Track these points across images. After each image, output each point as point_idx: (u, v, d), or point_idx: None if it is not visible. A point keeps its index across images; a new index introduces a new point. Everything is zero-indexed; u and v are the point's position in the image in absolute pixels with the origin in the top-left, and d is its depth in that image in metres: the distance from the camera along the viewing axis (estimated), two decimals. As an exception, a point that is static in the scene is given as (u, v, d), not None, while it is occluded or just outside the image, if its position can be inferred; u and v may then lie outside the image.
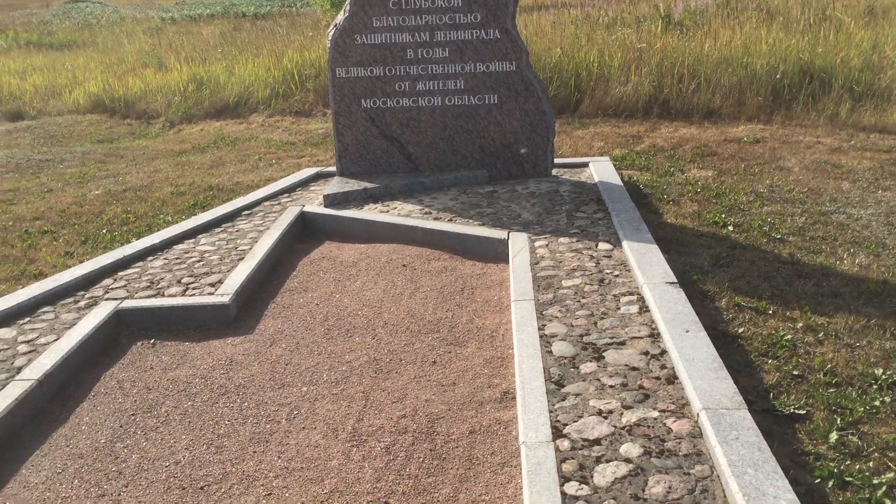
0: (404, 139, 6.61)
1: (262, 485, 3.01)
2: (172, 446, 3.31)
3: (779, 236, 5.51)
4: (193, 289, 4.70)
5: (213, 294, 4.58)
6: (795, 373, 3.60)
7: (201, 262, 5.14)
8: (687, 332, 3.66)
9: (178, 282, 4.83)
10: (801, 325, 4.10)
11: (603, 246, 5.01)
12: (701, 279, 4.72)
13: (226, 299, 4.49)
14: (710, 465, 2.76)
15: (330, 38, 6.44)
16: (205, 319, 4.47)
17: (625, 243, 4.90)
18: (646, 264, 4.51)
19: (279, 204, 6.42)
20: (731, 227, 5.73)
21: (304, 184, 6.99)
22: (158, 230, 6.31)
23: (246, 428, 3.42)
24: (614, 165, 7.72)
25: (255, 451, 3.24)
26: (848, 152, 7.76)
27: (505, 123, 6.53)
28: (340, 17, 6.45)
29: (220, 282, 4.77)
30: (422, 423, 3.36)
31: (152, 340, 4.34)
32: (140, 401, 3.71)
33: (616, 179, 6.46)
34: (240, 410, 3.57)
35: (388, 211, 5.99)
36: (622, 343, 3.71)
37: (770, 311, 4.28)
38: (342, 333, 4.29)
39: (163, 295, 4.63)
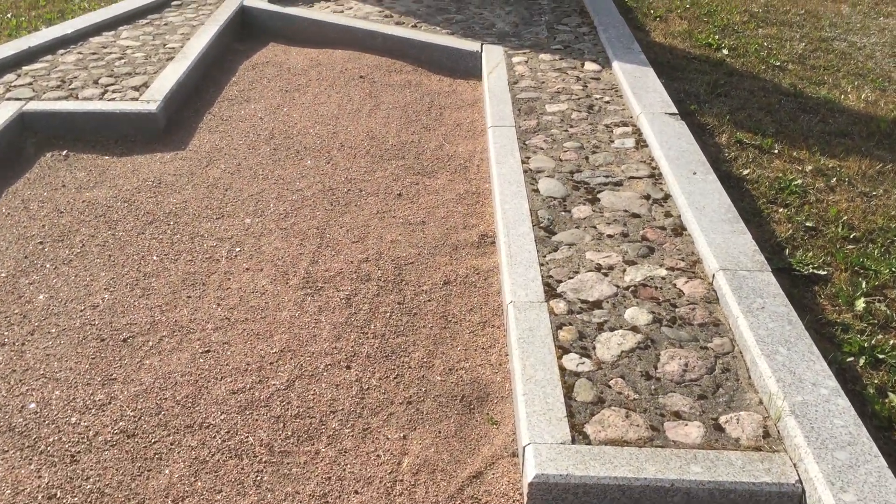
0: (362, -75, 5.69)
1: (199, 339, 2.52)
2: (89, 285, 2.77)
3: (778, 63, 4.97)
4: (114, 92, 3.98)
5: (137, 99, 3.88)
6: (809, 224, 3.18)
7: (123, 61, 4.37)
8: (694, 174, 3.18)
9: (95, 82, 4.09)
10: (809, 167, 3.66)
11: (590, 66, 4.40)
12: (698, 110, 4.19)
13: (153, 106, 3.80)
14: (730, 337, 2.36)
15: None
16: (128, 129, 3.80)
17: (615, 64, 4.31)
18: (641, 90, 3.95)
19: (215, -5, 5.55)
20: (725, 51, 5.15)
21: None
22: (72, 17, 5.42)
23: (178, 266, 2.88)
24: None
25: (189, 297, 2.73)
26: (846, -27, 7.09)
27: (480, -87, 5.65)
28: None
29: (146, 85, 4.05)
30: (387, 269, 2.88)
31: (65, 152, 3.68)
32: (50, 226, 3.12)
33: (601, -11, 5.73)
34: (171, 244, 3.01)
35: (342, 11, 5.21)
36: (619, 183, 3.21)
37: (775, 151, 3.81)
38: (291, 155, 3.69)
39: (76, 97, 3.91)
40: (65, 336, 2.53)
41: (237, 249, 2.98)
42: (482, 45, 4.63)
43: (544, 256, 2.72)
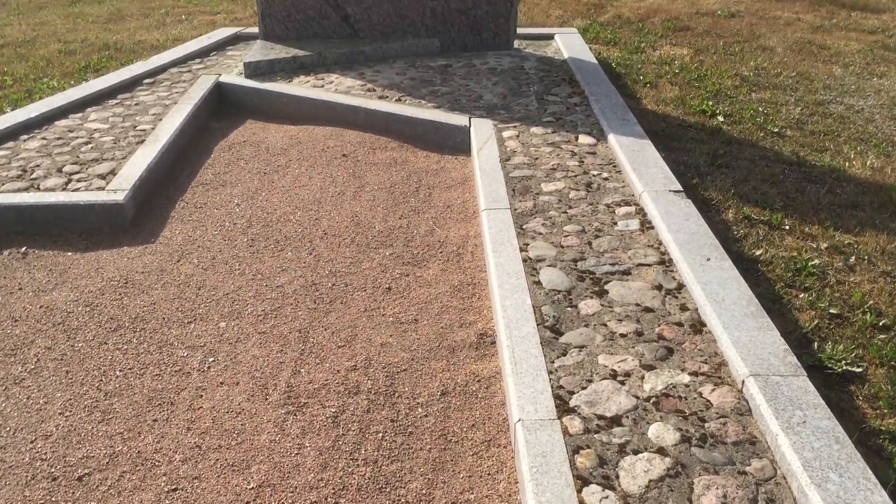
0: (341, -3, 5.54)
1: (165, 474, 2.21)
2: (42, 410, 2.46)
3: (776, 130, 4.79)
4: (78, 181, 3.72)
5: (103, 189, 3.62)
6: (833, 311, 2.93)
7: (90, 145, 4.12)
8: (708, 260, 2.93)
9: (59, 170, 3.83)
10: (824, 245, 3.42)
11: (585, 139, 4.19)
12: (700, 183, 3.98)
13: (120, 196, 3.54)
14: (769, 458, 2.08)
15: None
16: (93, 222, 3.53)
17: (611, 137, 4.10)
18: (640, 165, 3.73)
19: (189, 71, 5.33)
20: (721, 118, 4.97)
21: (220, 47, 5.88)
22: (39, 98, 5.19)
23: (143, 383, 2.58)
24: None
25: (155, 420, 2.42)
26: (832, 32, 7.02)
27: (462, -17, 5.51)
28: None
29: (114, 172, 3.79)
30: (378, 378, 2.59)
31: (23, 249, 3.39)
32: (2, 337, 2.81)
33: (589, 56, 5.58)
34: (136, 355, 2.72)
35: (322, 86, 5.00)
36: (627, 272, 2.96)
37: (786, 227, 3.59)
38: (271, 245, 3.42)
39: (38, 188, 3.64)
40: (11, 476, 2.21)
41: (210, 359, 2.69)
42: (470, 118, 4.42)
43: (552, 362, 2.45)
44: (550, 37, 6.11)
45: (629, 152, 3.87)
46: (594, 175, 3.78)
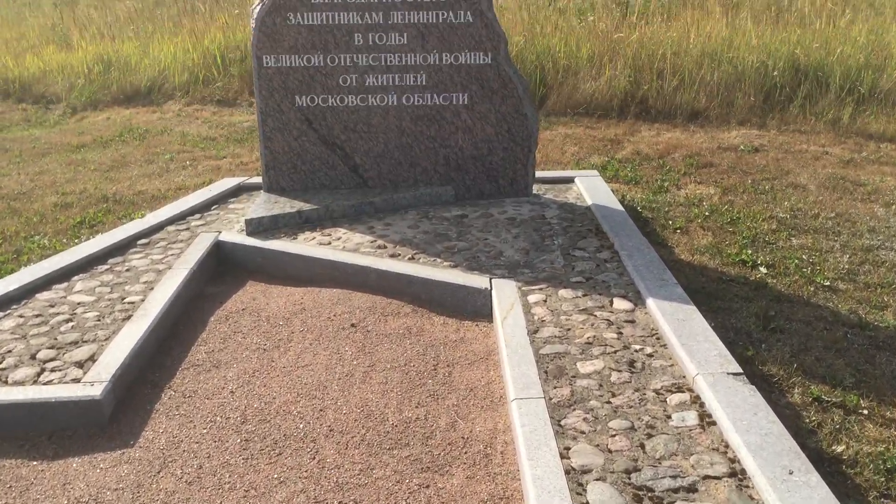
0: (350, 147, 5.25)
1: None
2: None
3: (826, 283, 4.36)
4: (53, 370, 3.28)
5: (79, 381, 3.17)
6: (946, 533, 2.41)
7: (70, 324, 3.71)
8: (791, 473, 2.43)
9: (33, 357, 3.40)
10: (914, 435, 2.92)
11: (620, 304, 3.77)
12: (756, 355, 3.52)
13: (97, 391, 3.09)
14: None
15: (255, 16, 5.03)
16: (65, 421, 3.08)
17: (650, 301, 3.67)
18: (688, 338, 3.28)
19: (188, 229, 4.99)
20: (763, 269, 4.56)
21: (222, 200, 5.57)
22: (28, 259, 4.84)
23: None
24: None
25: None
26: (863, 166, 6.70)
27: (476, 129, 5.23)
28: (269, -10, 5.05)
29: (93, 358, 3.36)
30: None
31: (-18, 457, 2.92)
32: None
33: (613, 201, 5.23)
34: None
35: (329, 243, 4.63)
36: (692, 488, 2.46)
37: (863, 410, 3.10)
38: (267, 448, 2.94)
39: (6, 381, 3.20)
40: None
41: None
42: (491, 280, 4.02)
43: None
44: (570, 180, 5.79)
45: (673, 322, 3.43)
46: (636, 350, 3.32)
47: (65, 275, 4.25)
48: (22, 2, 21.72)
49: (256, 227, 4.81)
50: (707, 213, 5.58)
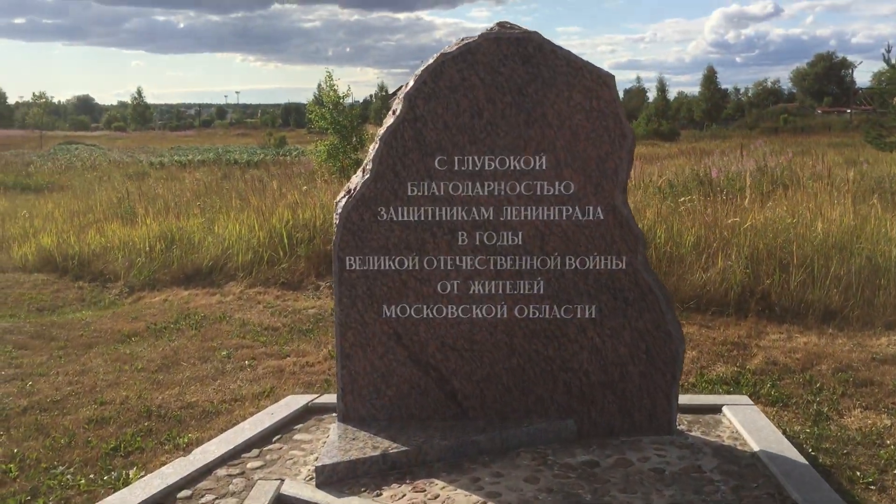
0: (447, 368, 4.22)
1: None
2: None
3: None
4: None
5: None
6: None
7: None
8: None
9: None
10: None
11: None
12: None
13: None
14: None
15: (339, 210, 4.18)
16: None
17: None
18: None
19: (242, 474, 3.93)
20: None
21: (286, 427, 4.53)
22: (44, 500, 3.80)
23: None
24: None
25: None
26: None
27: (606, 349, 4.17)
28: (357, 180, 4.21)
29: None
30: None
31: None
32: None
33: (789, 448, 4.06)
34: None
35: (423, 503, 3.51)
36: None
37: None
38: None
39: None
40: None
41: None
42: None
43: None
44: (717, 409, 4.63)
45: None
46: None
47: (76, 551, 3.17)
48: (94, 175, 22.04)
49: (330, 477, 3.73)
50: (893, 448, 4.33)
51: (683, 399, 4.69)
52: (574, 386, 4.21)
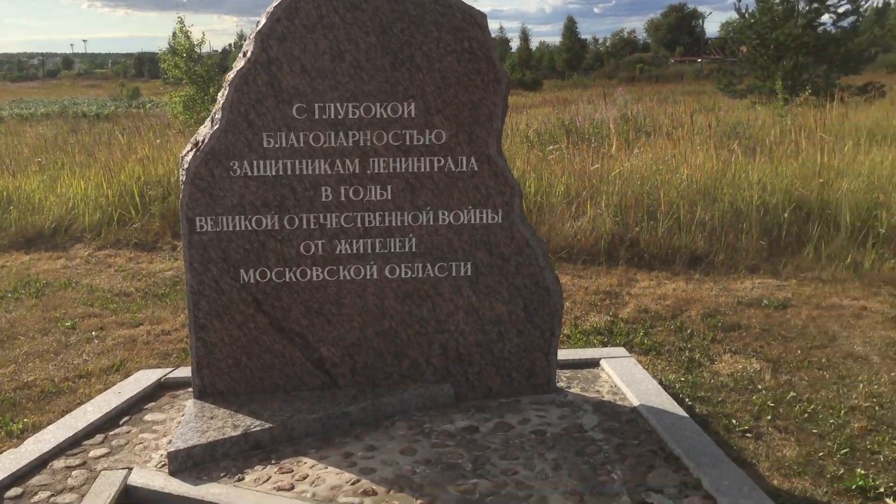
0: (313, 335, 3.89)
1: None
2: None
3: None
4: None
5: None
6: None
7: None
8: None
9: None
10: None
11: None
12: None
13: None
14: None
15: (185, 166, 3.72)
16: None
17: None
18: None
19: (84, 464, 3.49)
20: (892, 502, 3.32)
21: (136, 407, 4.09)
22: None
23: None
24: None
25: None
26: (916, 326, 5.65)
27: (483, 308, 3.95)
28: (205, 132, 3.76)
29: None
30: None
31: None
32: None
33: (668, 401, 3.99)
34: None
35: (291, 486, 3.22)
36: None
37: None
38: None
39: None
40: None
41: None
42: (545, 559, 2.64)
43: None
44: (595, 363, 4.53)
45: None
46: None
47: None
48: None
49: (185, 462, 3.35)
50: (771, 404, 4.37)
51: (561, 354, 4.54)
52: (450, 348, 3.98)
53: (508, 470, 3.32)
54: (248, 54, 3.66)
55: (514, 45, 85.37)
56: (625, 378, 4.23)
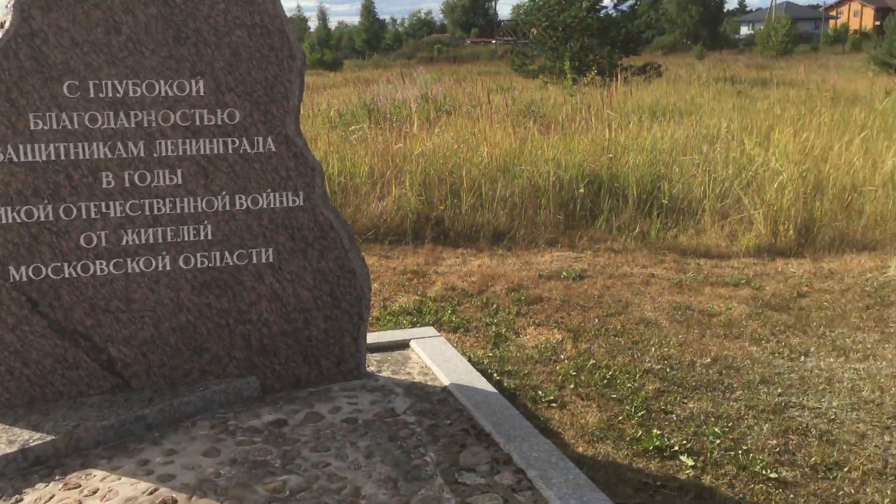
0: (100, 335, 3.56)
1: None
2: None
3: (773, 474, 3.44)
4: None
5: None
6: None
7: None
8: None
9: None
10: None
11: (577, 582, 2.48)
12: None
13: None
14: None
15: (-65, 150, 3.26)
16: None
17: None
18: None
19: None
20: (686, 460, 3.57)
21: None
22: None
23: None
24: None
25: None
26: (697, 289, 6.10)
27: (287, 295, 3.79)
28: (-42, 111, 3.31)
29: None
30: None
31: None
32: None
33: (478, 378, 4.01)
34: None
35: (78, 503, 2.91)
36: None
37: None
38: None
39: None
40: None
41: None
42: (361, 553, 2.56)
43: None
44: (404, 344, 4.50)
45: None
46: None
47: None
48: None
49: (-51, 489, 2.95)
50: (573, 373, 4.54)
51: (371, 337, 4.48)
52: (254, 339, 3.78)
53: (320, 462, 3.20)
54: (7, 25, 3.25)
55: (313, 24, 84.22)
56: (435, 358, 4.22)
